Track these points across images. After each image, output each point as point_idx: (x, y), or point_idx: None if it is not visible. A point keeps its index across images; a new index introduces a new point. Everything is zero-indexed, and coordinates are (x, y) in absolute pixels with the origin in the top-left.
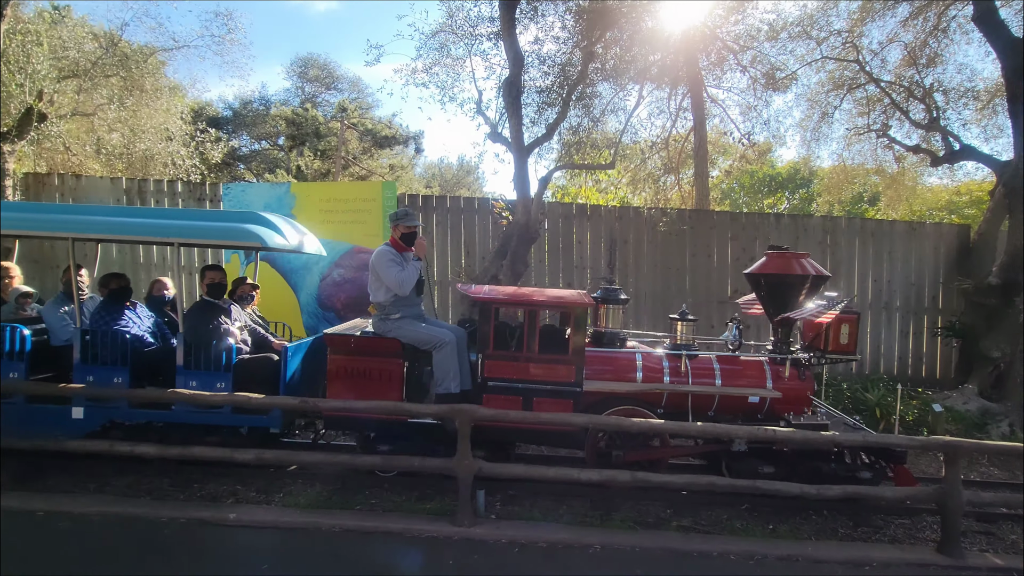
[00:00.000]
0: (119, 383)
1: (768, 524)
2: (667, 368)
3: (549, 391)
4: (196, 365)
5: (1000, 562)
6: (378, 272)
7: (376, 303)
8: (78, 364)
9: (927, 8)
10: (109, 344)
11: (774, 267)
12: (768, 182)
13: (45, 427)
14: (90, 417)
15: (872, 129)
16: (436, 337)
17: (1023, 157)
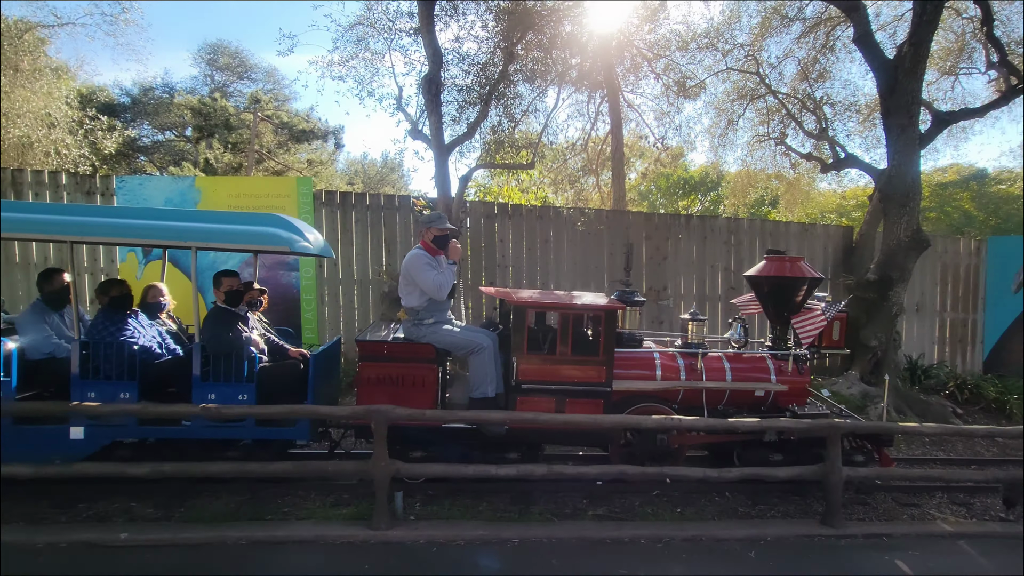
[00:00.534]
0: (126, 399)
1: (677, 508)
2: (683, 366)
3: (581, 392)
4: (215, 376)
5: (873, 529)
6: (413, 277)
7: (408, 308)
8: (76, 379)
9: (817, 28)
10: (114, 357)
11: (775, 270)
12: (683, 185)
13: (36, 451)
14: (92, 437)
15: (771, 137)
16: (474, 342)
17: (895, 166)
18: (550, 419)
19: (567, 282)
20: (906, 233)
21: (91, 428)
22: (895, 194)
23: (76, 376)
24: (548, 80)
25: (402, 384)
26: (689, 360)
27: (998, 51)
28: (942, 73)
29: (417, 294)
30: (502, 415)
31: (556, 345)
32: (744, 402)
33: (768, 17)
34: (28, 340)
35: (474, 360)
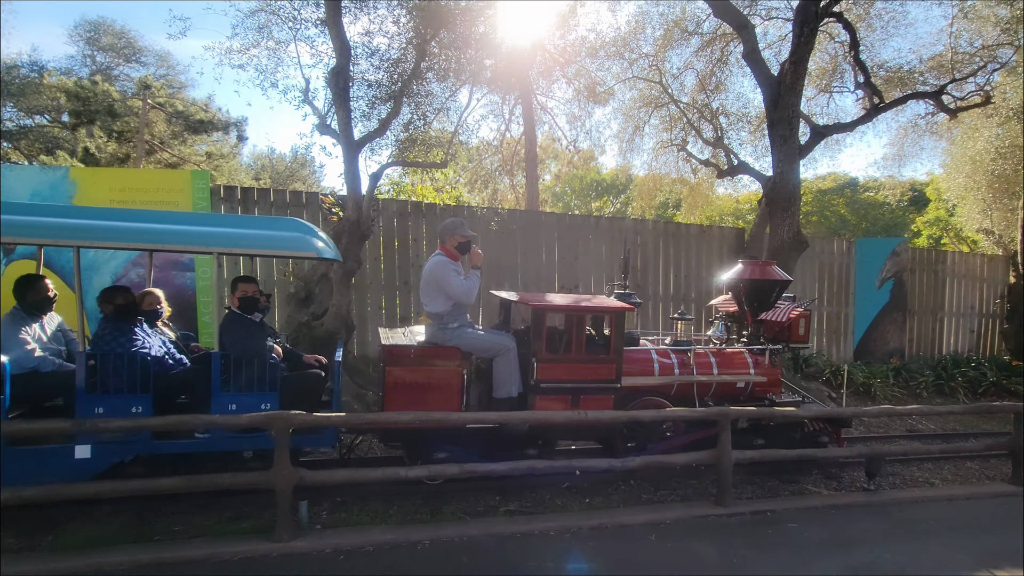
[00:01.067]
0: (139, 412)
1: (585, 499)
2: (676, 362)
3: (593, 389)
4: (236, 386)
5: (759, 506)
6: (440, 283)
7: (432, 313)
8: (83, 394)
9: (713, 42)
10: (125, 369)
11: (750, 274)
12: (595, 187)
13: (36, 474)
14: (100, 455)
15: (674, 143)
16: (500, 344)
17: (779, 174)
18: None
19: (481, 283)
20: (788, 235)
21: (100, 446)
22: (779, 199)
23: (82, 390)
24: (461, 80)
25: (428, 387)
26: (681, 356)
27: (864, 73)
28: (819, 90)
29: (442, 299)
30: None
31: (571, 346)
32: (728, 393)
33: (670, 30)
34: (11, 354)
35: (499, 362)
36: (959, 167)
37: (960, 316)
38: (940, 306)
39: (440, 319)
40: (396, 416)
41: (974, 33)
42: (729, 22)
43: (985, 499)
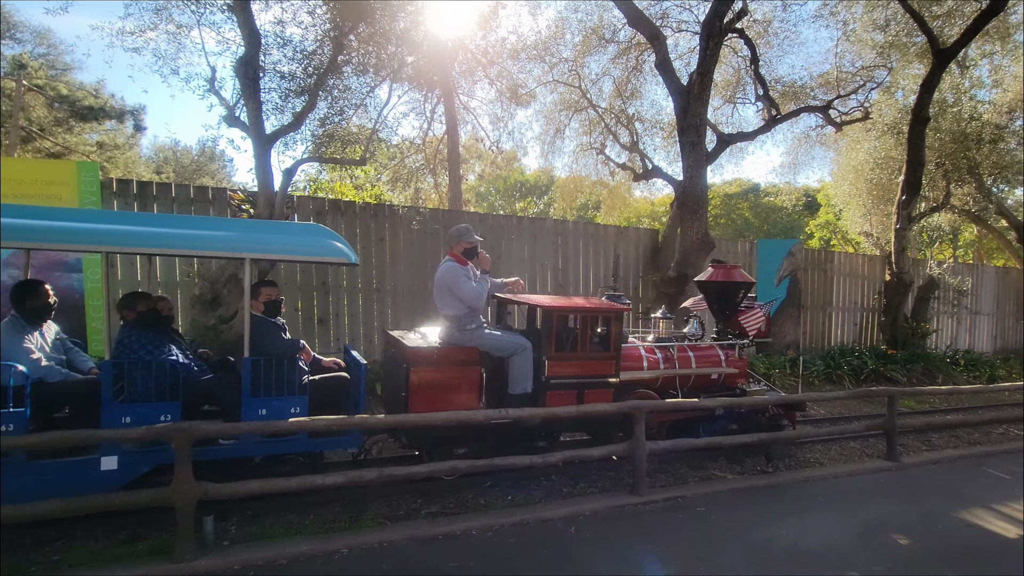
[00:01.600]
0: (167, 420)
1: (508, 496)
2: (661, 357)
3: (596, 384)
4: (266, 391)
5: (671, 493)
6: (451, 288)
7: (449, 316)
8: (109, 403)
9: (629, 51)
10: (153, 376)
11: (720, 276)
12: (519, 187)
13: (59, 487)
14: (127, 466)
15: (593, 147)
16: (517, 343)
17: (688, 178)
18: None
19: (404, 283)
20: (697, 236)
21: (126, 456)
22: (688, 202)
23: (108, 399)
24: (382, 76)
25: (450, 387)
26: (665, 352)
27: (762, 86)
28: (724, 101)
29: (456, 303)
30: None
31: (577, 344)
32: (704, 384)
33: (588, 36)
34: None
35: (516, 360)
36: (844, 175)
37: (845, 311)
38: (829, 302)
39: (458, 321)
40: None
41: (855, 55)
42: (642, 32)
43: (865, 475)
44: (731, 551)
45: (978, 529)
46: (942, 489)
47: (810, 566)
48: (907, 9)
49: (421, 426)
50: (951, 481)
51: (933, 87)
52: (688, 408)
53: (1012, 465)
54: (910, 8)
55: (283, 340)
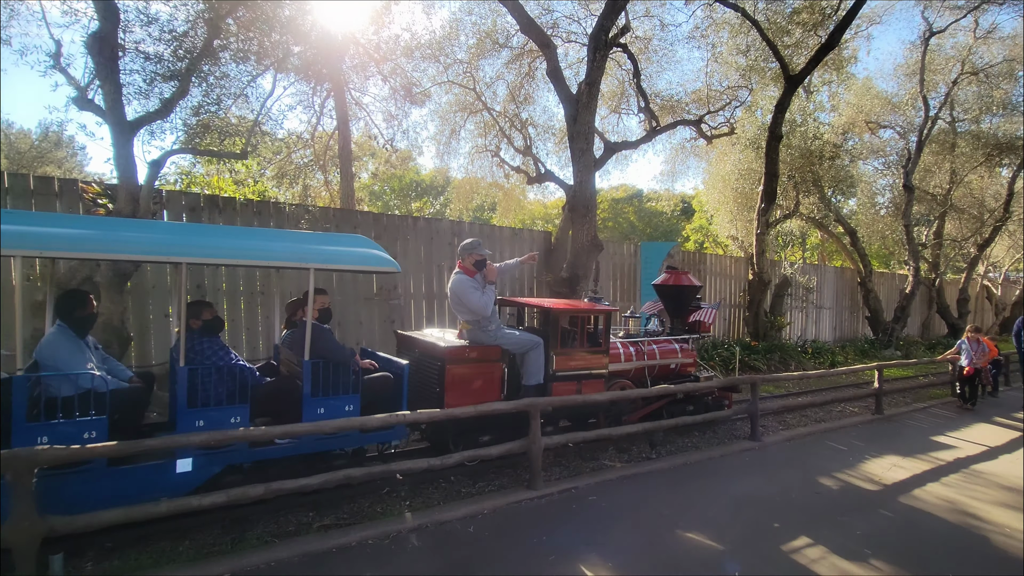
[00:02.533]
0: (237, 423)
1: (405, 501)
2: (634, 351)
3: (591, 375)
4: (324, 391)
5: (565, 485)
6: (461, 298)
7: (470, 320)
8: (183, 408)
9: (522, 57)
10: (225, 381)
11: (674, 281)
12: (415, 187)
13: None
14: (201, 468)
15: (488, 149)
16: (532, 340)
17: (579, 183)
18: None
19: (291, 284)
20: (587, 238)
21: (200, 458)
22: (579, 206)
23: (183, 405)
24: (265, 65)
25: (478, 381)
26: (636, 347)
27: (644, 99)
28: (611, 110)
29: (465, 311)
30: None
31: (576, 341)
32: (664, 373)
33: (482, 39)
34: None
35: (531, 355)
36: (714, 184)
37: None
38: (703, 299)
39: (480, 324)
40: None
41: (723, 75)
42: (534, 39)
43: (734, 455)
44: (620, 534)
45: (823, 494)
46: (795, 463)
47: (690, 540)
48: (763, 38)
49: (467, 417)
50: (802, 455)
51: (785, 108)
52: (590, 403)
53: (849, 438)
54: (766, 37)
55: (341, 345)
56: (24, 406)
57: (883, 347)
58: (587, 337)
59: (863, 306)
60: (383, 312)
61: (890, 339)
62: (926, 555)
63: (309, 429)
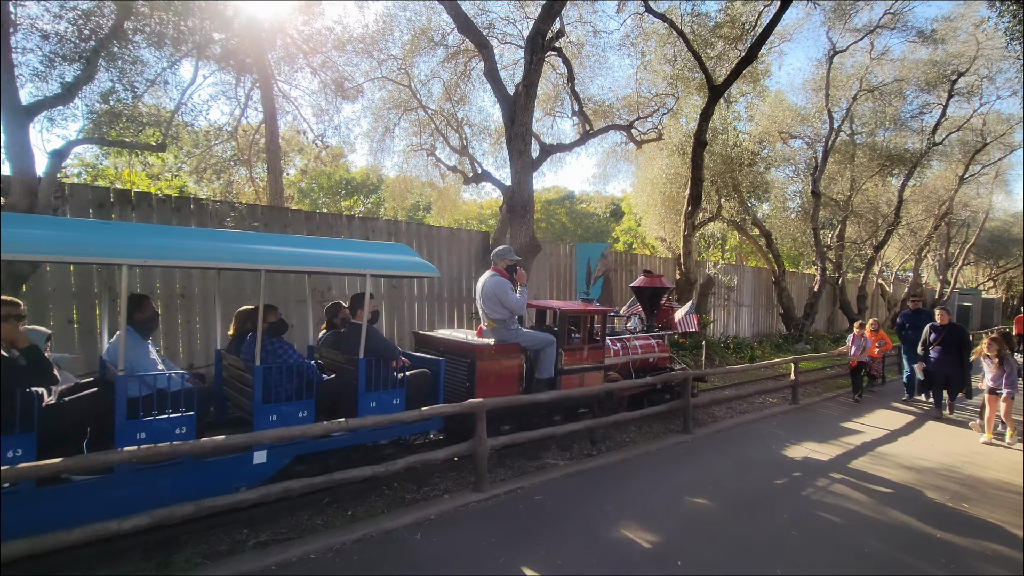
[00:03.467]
0: (305, 417)
1: (348, 511)
2: (621, 347)
3: (591, 368)
4: (376, 386)
5: (511, 486)
6: (500, 298)
7: (497, 319)
8: (259, 405)
9: (458, 56)
10: (295, 379)
11: (650, 283)
12: (345, 185)
13: (220, 483)
14: (273, 459)
15: (424, 148)
16: (547, 339)
17: (516, 184)
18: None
19: (220, 285)
20: (526, 239)
21: (273, 450)
22: (517, 207)
23: (259, 401)
24: (183, 51)
25: (503, 375)
26: (623, 343)
27: (578, 103)
28: (545, 113)
29: (499, 308)
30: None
31: (580, 339)
32: (643, 366)
33: (417, 36)
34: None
35: (545, 352)
36: (643, 187)
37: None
38: (621, 301)
39: (504, 323)
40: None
41: (651, 83)
42: (471, 39)
43: (670, 448)
44: (567, 533)
45: (753, 481)
46: (726, 453)
47: (633, 534)
48: (690, 49)
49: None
50: (731, 446)
51: (709, 116)
52: (528, 403)
53: (771, 427)
54: (692, 48)
55: (390, 343)
56: (125, 404)
57: (795, 341)
58: (588, 335)
59: (777, 303)
60: (318, 314)
61: (801, 334)
62: (842, 533)
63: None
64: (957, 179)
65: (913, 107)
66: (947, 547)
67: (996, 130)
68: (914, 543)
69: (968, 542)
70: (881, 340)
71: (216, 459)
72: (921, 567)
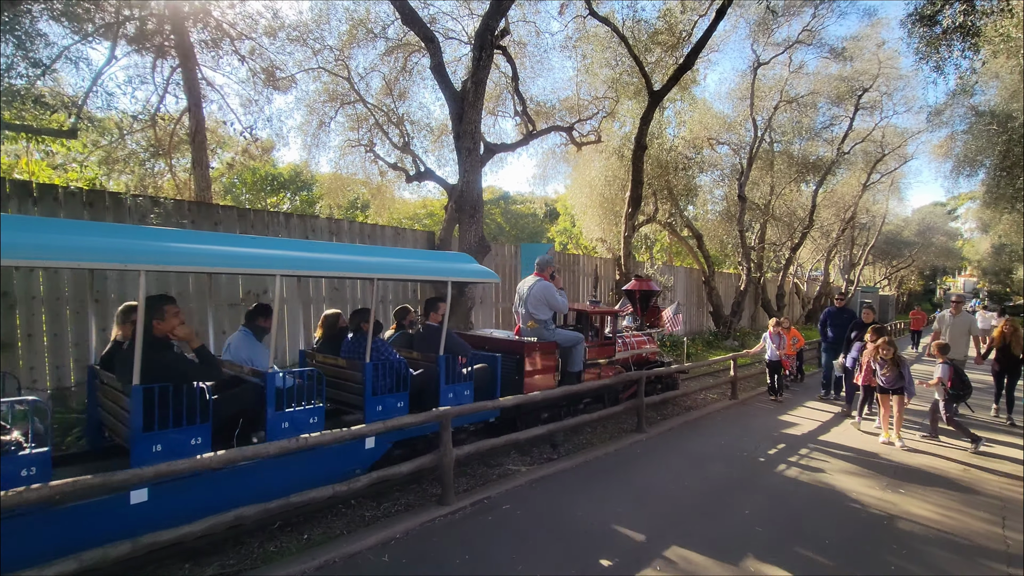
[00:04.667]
0: (402, 407)
1: (303, 535)
2: (622, 343)
3: (609, 363)
4: (453, 380)
5: (477, 496)
6: (548, 300)
7: (540, 320)
8: (369, 397)
9: (399, 49)
10: (394, 373)
11: (641, 286)
12: (271, 181)
13: (341, 467)
14: (380, 445)
15: (362, 144)
16: (577, 337)
17: (466, 183)
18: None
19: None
20: (475, 239)
21: (379, 437)
22: (466, 206)
23: (369, 394)
24: (93, 27)
25: (544, 369)
26: (623, 340)
27: (521, 103)
28: (487, 112)
29: (546, 310)
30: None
31: (597, 335)
32: (639, 360)
33: (355, 26)
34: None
35: (575, 348)
36: (580, 189)
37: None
38: (578, 298)
39: (545, 324)
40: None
41: (591, 86)
42: (417, 32)
43: (627, 448)
44: (541, 544)
45: (711, 477)
46: (680, 450)
47: (606, 537)
48: (631, 54)
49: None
50: (684, 443)
51: (649, 120)
52: (489, 407)
53: (716, 423)
54: (633, 53)
55: (463, 342)
56: (274, 398)
57: (724, 338)
58: (603, 332)
59: (707, 302)
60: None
61: (729, 331)
62: (799, 519)
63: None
64: (861, 186)
65: (825, 119)
66: (897, 533)
67: (893, 142)
68: (870, 529)
69: (913, 527)
70: (794, 337)
71: (341, 446)
72: (880, 555)
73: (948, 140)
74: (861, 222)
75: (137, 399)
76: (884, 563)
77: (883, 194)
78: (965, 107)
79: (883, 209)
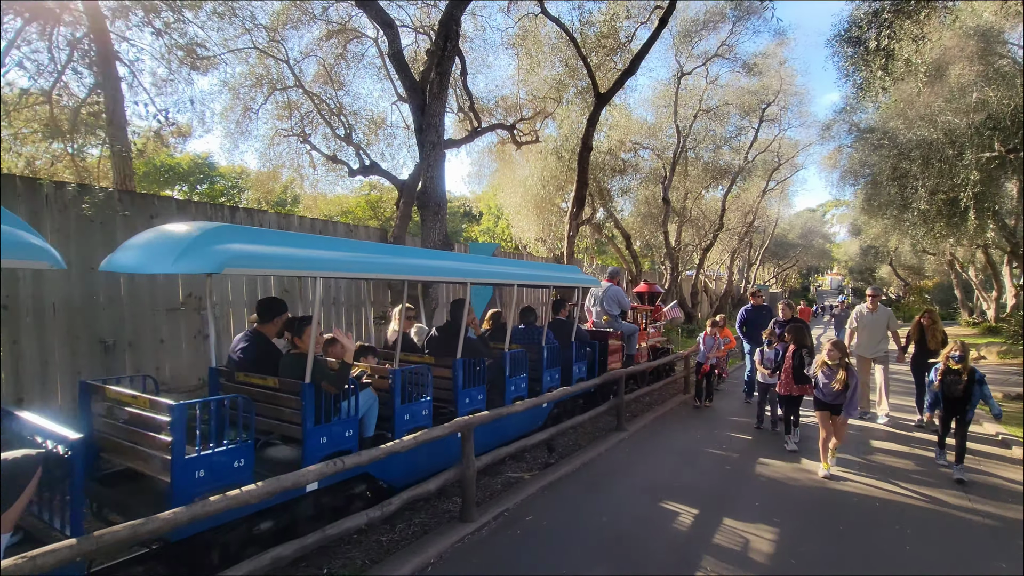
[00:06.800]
0: (481, 400)
1: (322, 568)
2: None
3: (647, 349)
4: (516, 373)
5: (496, 509)
6: (619, 300)
7: (612, 315)
8: (460, 389)
9: (339, 34)
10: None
11: (648, 288)
12: (167, 172)
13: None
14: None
15: (295, 134)
16: (634, 327)
17: (429, 179)
18: None
19: (57, 294)
20: (439, 237)
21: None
22: (429, 203)
23: (459, 387)
24: None
25: (615, 352)
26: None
27: (469, 99)
28: None
29: (616, 307)
30: None
31: (640, 328)
32: (653, 348)
33: (288, 7)
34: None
35: (633, 337)
36: (514, 189)
37: (539, 306)
38: (522, 299)
39: (615, 319)
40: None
41: (534, 86)
42: (372, 17)
43: (615, 447)
44: (584, 553)
45: (707, 472)
46: (665, 447)
47: (633, 539)
48: (580, 55)
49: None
50: (664, 439)
51: (595, 122)
52: None
53: (684, 418)
54: (582, 55)
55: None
56: (400, 392)
57: None
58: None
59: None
60: (192, 325)
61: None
62: (793, 508)
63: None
64: (760, 192)
65: (734, 129)
66: None
67: (787, 153)
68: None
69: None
70: (726, 338)
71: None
72: (882, 534)
73: (836, 152)
74: (756, 226)
75: (309, 397)
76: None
77: (776, 200)
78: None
79: (776, 214)
